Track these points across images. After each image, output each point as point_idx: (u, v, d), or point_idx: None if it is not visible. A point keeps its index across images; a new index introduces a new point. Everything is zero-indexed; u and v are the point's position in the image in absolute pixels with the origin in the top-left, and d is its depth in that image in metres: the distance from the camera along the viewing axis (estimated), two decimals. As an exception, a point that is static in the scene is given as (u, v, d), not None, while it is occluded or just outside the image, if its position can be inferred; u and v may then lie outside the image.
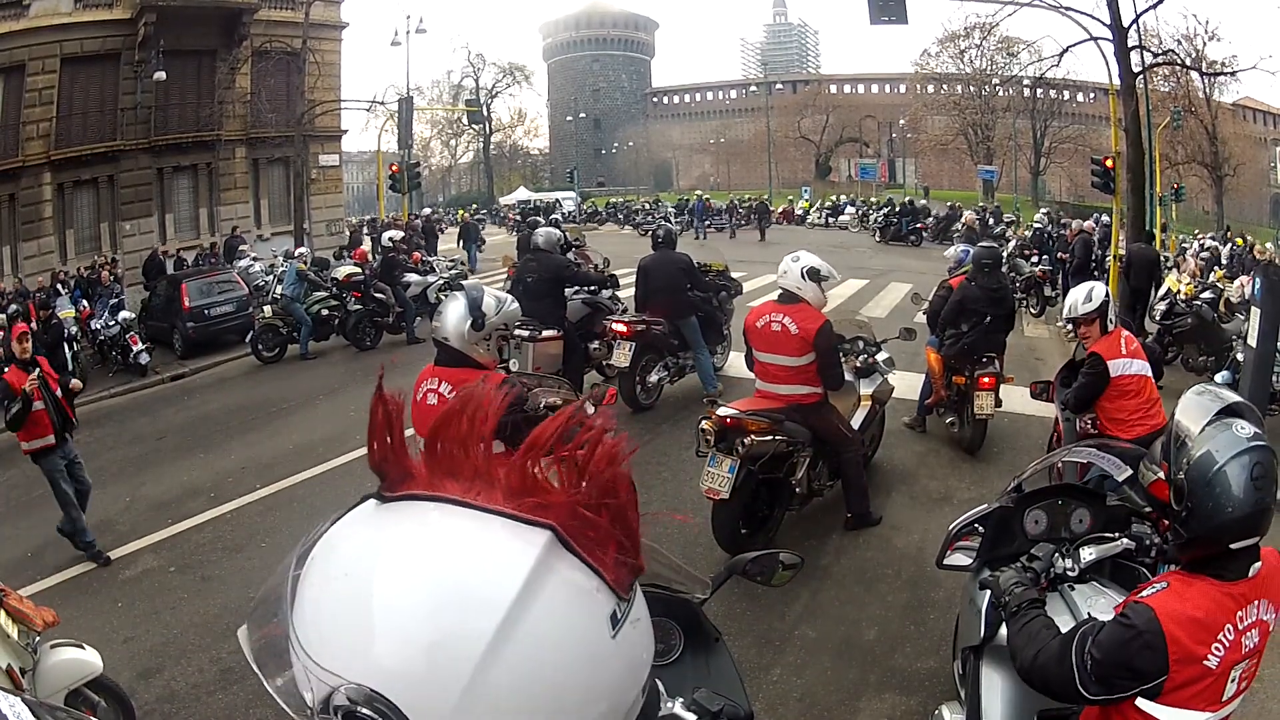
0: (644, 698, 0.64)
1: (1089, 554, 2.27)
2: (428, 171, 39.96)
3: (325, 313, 11.11)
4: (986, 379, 5.74)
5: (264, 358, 10.87)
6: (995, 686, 2.18)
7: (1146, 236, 11.82)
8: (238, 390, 9.79)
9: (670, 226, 8.05)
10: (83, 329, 12.35)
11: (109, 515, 5.67)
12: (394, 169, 19.45)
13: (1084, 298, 4.08)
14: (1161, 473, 1.69)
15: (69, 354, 10.28)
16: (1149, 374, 4.03)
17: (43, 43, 16.75)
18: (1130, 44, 12.90)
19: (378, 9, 35.16)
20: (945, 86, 39.39)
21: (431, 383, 3.01)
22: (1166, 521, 2.07)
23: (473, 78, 43.99)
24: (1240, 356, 6.83)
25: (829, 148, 45.86)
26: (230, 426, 7.99)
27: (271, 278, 13.85)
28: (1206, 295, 9.07)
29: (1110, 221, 13.99)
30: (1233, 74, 25.13)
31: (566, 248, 8.33)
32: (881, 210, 25.96)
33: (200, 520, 5.60)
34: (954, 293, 6.13)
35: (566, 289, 7.17)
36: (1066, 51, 15.04)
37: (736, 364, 6.77)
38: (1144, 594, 1.60)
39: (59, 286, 15.02)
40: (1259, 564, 1.58)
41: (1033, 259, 14.00)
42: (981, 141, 38.18)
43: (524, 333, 6.19)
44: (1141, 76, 14.24)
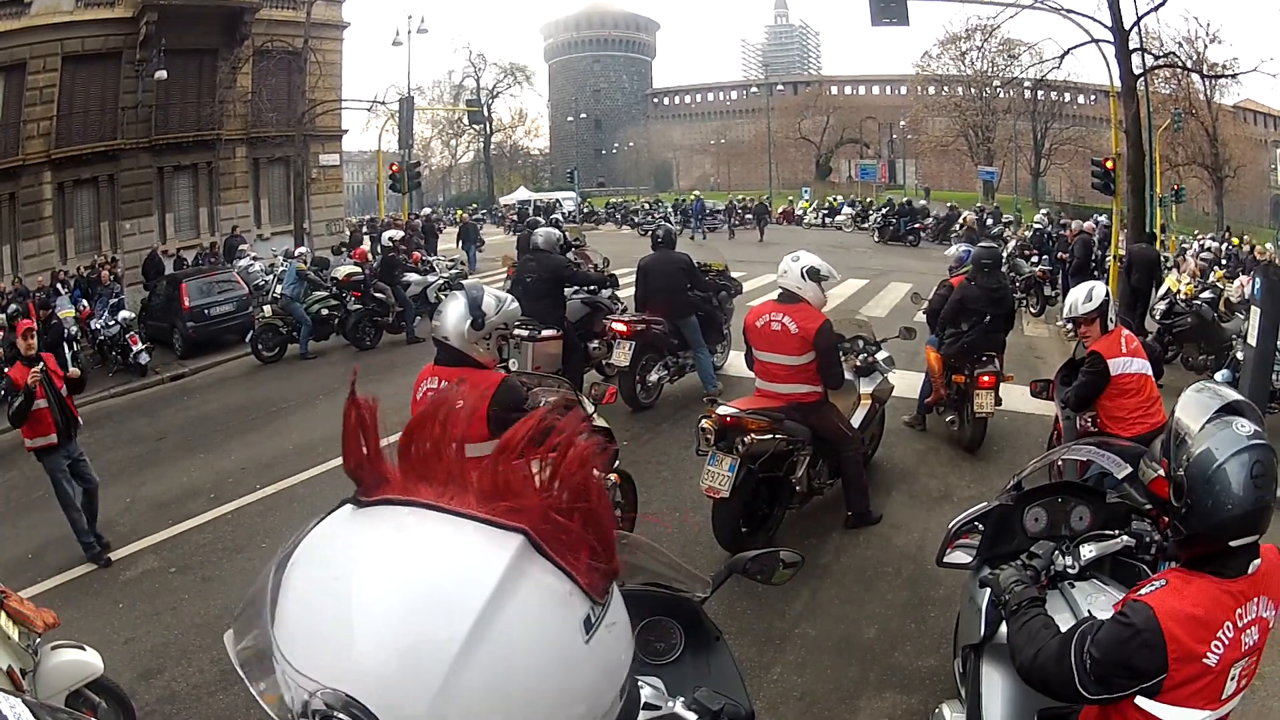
0: (623, 700, 0.63)
1: (1089, 551, 2.27)
2: (428, 171, 39.97)
3: (325, 312, 11.11)
4: (986, 378, 5.75)
5: (264, 357, 10.86)
6: (995, 685, 2.18)
7: (1148, 237, 11.81)
8: (238, 390, 9.79)
9: (670, 226, 8.06)
10: (83, 329, 12.35)
11: (109, 516, 5.66)
12: (394, 169, 19.47)
13: (1084, 297, 4.09)
14: (1161, 470, 1.69)
15: (69, 354, 10.27)
16: (1149, 372, 4.05)
17: (44, 41, 16.75)
18: (1131, 46, 12.90)
19: (379, 9, 35.29)
20: (946, 88, 39.40)
21: (431, 382, 3.02)
22: (1166, 519, 2.07)
23: (474, 78, 44.07)
24: (1240, 355, 6.84)
25: (829, 149, 45.81)
26: (230, 426, 7.99)
27: (271, 277, 13.85)
28: (1206, 295, 9.09)
29: (1110, 222, 14.01)
30: (1233, 76, 25.17)
31: (566, 248, 8.33)
32: (880, 211, 25.98)
33: (200, 521, 5.60)
34: (954, 292, 6.14)
35: (566, 289, 7.18)
36: (1067, 54, 15.05)
37: (736, 363, 6.77)
38: (1142, 592, 1.60)
39: (59, 286, 15.02)
40: (1258, 561, 1.58)
41: (1033, 259, 14.02)
42: (982, 143, 38.17)
43: (523, 332, 6.20)
44: (1142, 78, 14.22)
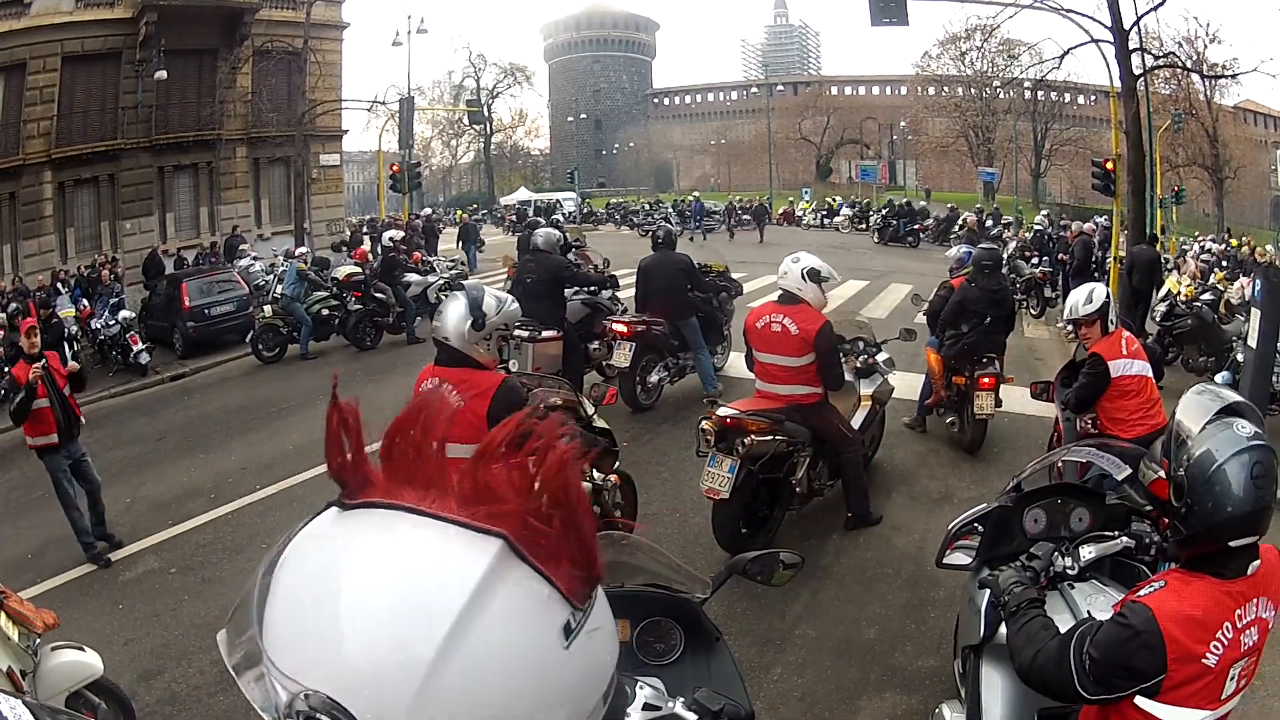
0: (606, 705, 0.63)
1: (1088, 552, 2.27)
2: (428, 172, 40.01)
3: (325, 312, 11.11)
4: (986, 379, 5.75)
5: (264, 357, 10.86)
6: (995, 685, 2.18)
7: (1149, 239, 11.81)
8: (238, 390, 9.79)
9: (670, 227, 8.07)
10: (83, 328, 12.35)
11: (109, 516, 5.63)
12: (394, 169, 19.48)
13: (1085, 299, 4.10)
14: (1162, 471, 1.69)
15: (69, 353, 10.27)
16: (1149, 374, 4.05)
17: (44, 41, 16.76)
18: (1131, 46, 12.90)
19: (379, 9, 35.31)
20: (946, 88, 39.41)
21: (431, 382, 3.02)
22: (1166, 520, 2.08)
23: (474, 78, 44.08)
24: (1240, 357, 6.84)
25: (830, 149, 45.82)
26: (230, 426, 7.98)
27: (272, 277, 13.85)
28: (1207, 296, 9.08)
29: (1110, 223, 14.01)
30: (1233, 77, 25.18)
31: (566, 248, 8.34)
32: (880, 212, 25.99)
33: (200, 521, 5.60)
34: (954, 293, 6.15)
35: (566, 289, 7.18)
36: (1067, 54, 15.03)
37: (736, 364, 6.77)
38: (1142, 593, 1.60)
39: (59, 285, 15.02)
40: (1258, 562, 1.58)
41: (1033, 260, 14.03)
42: (982, 143, 38.19)
43: (523, 333, 6.20)
44: (1142, 79, 14.22)
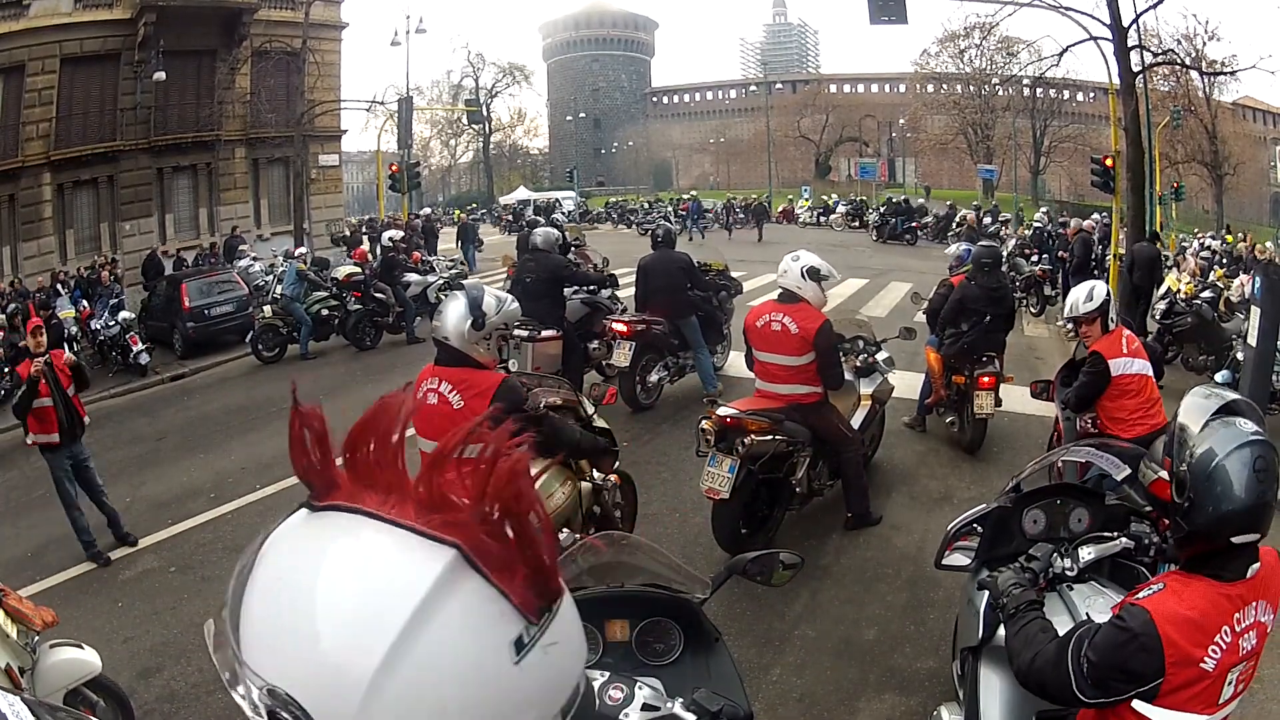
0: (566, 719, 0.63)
1: (1088, 553, 2.27)
2: (427, 171, 39.92)
3: (325, 313, 11.10)
4: (986, 378, 5.74)
5: (264, 358, 10.86)
6: (994, 687, 2.18)
7: (1150, 236, 11.81)
8: (238, 390, 9.79)
9: (669, 226, 8.05)
10: (83, 329, 12.36)
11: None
12: (394, 169, 19.44)
13: (1085, 297, 4.08)
14: (1163, 470, 1.69)
15: (69, 354, 10.27)
16: (1150, 373, 4.04)
17: (43, 43, 16.75)
18: (1130, 44, 12.88)
19: (378, 9, 35.16)
20: (945, 86, 39.36)
21: (432, 382, 3.01)
22: (1166, 520, 2.07)
23: (472, 77, 44.06)
24: (1240, 355, 6.83)
25: (829, 147, 45.80)
26: (230, 426, 7.98)
27: (271, 278, 13.85)
28: (1206, 294, 9.06)
29: (1110, 220, 14.00)
30: (1232, 73, 25.14)
31: (566, 248, 8.33)
32: (878, 210, 25.97)
33: (200, 520, 5.60)
34: (954, 292, 6.13)
35: (565, 289, 7.17)
36: (1066, 51, 15.03)
37: (736, 364, 6.77)
38: (1140, 595, 1.60)
39: (59, 287, 15.04)
40: (1257, 565, 1.58)
41: (1033, 258, 14.01)
42: (981, 141, 38.15)
43: (523, 333, 6.19)
44: (1141, 76, 14.24)
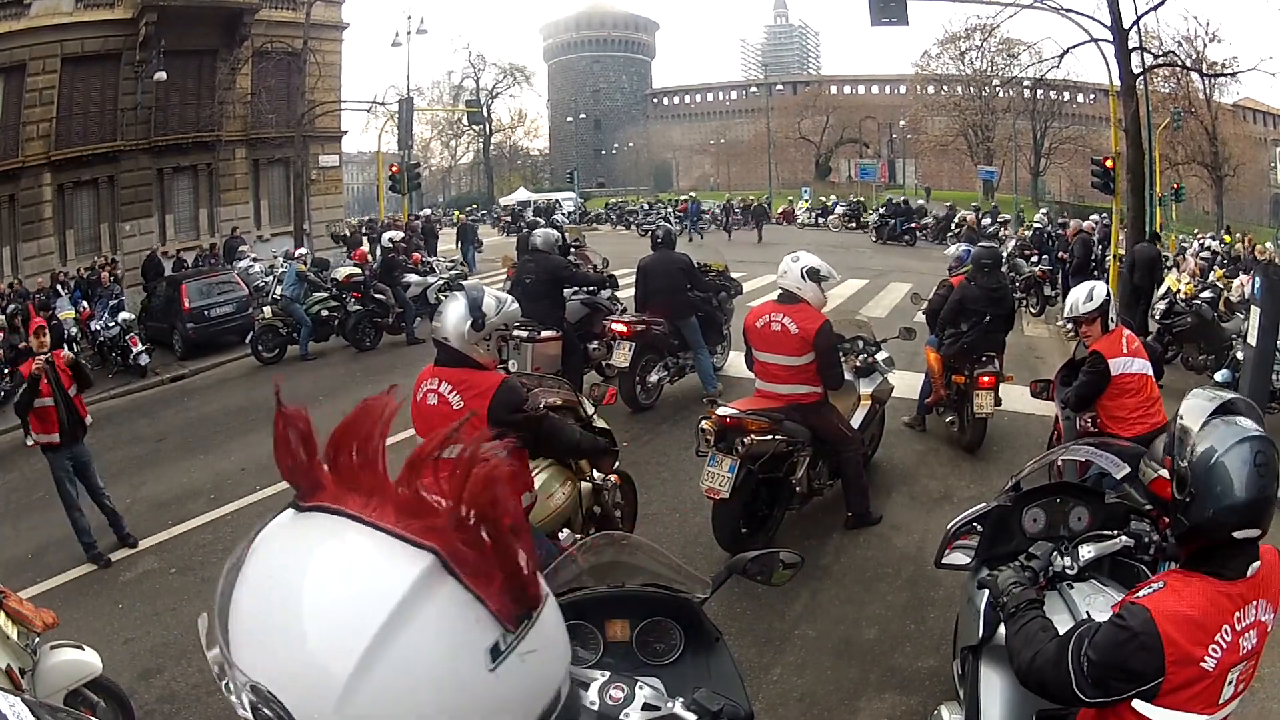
0: None
1: (1087, 552, 2.27)
2: (428, 172, 39.95)
3: (325, 313, 11.11)
4: (986, 378, 5.75)
5: (264, 358, 10.86)
6: (994, 686, 2.18)
7: (1150, 237, 11.81)
8: (238, 391, 9.78)
9: (669, 226, 8.07)
10: (82, 330, 12.35)
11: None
12: (394, 170, 19.45)
13: (1085, 297, 4.09)
14: (1163, 469, 1.69)
15: (67, 353, 10.27)
16: (1149, 372, 4.05)
17: (43, 42, 16.75)
18: (1130, 45, 12.89)
19: (378, 9, 35.30)
20: (945, 87, 39.39)
21: (431, 383, 3.00)
22: (1167, 519, 2.07)
23: (473, 78, 44.08)
24: (1240, 355, 6.83)
25: (829, 148, 45.81)
26: (230, 427, 7.98)
27: (271, 278, 13.85)
28: (1206, 294, 9.07)
29: (1110, 221, 14.00)
30: (1233, 75, 25.15)
31: (566, 249, 8.33)
32: (878, 210, 25.99)
33: (200, 521, 5.60)
34: (954, 292, 6.14)
35: (565, 289, 7.18)
36: (1067, 53, 14.98)
37: (736, 364, 6.77)
38: (1140, 594, 1.59)
39: (59, 287, 15.03)
40: (1257, 563, 1.58)
41: (1032, 259, 14.02)
42: (981, 142, 38.18)
43: (523, 333, 6.19)
44: (1142, 77, 14.22)
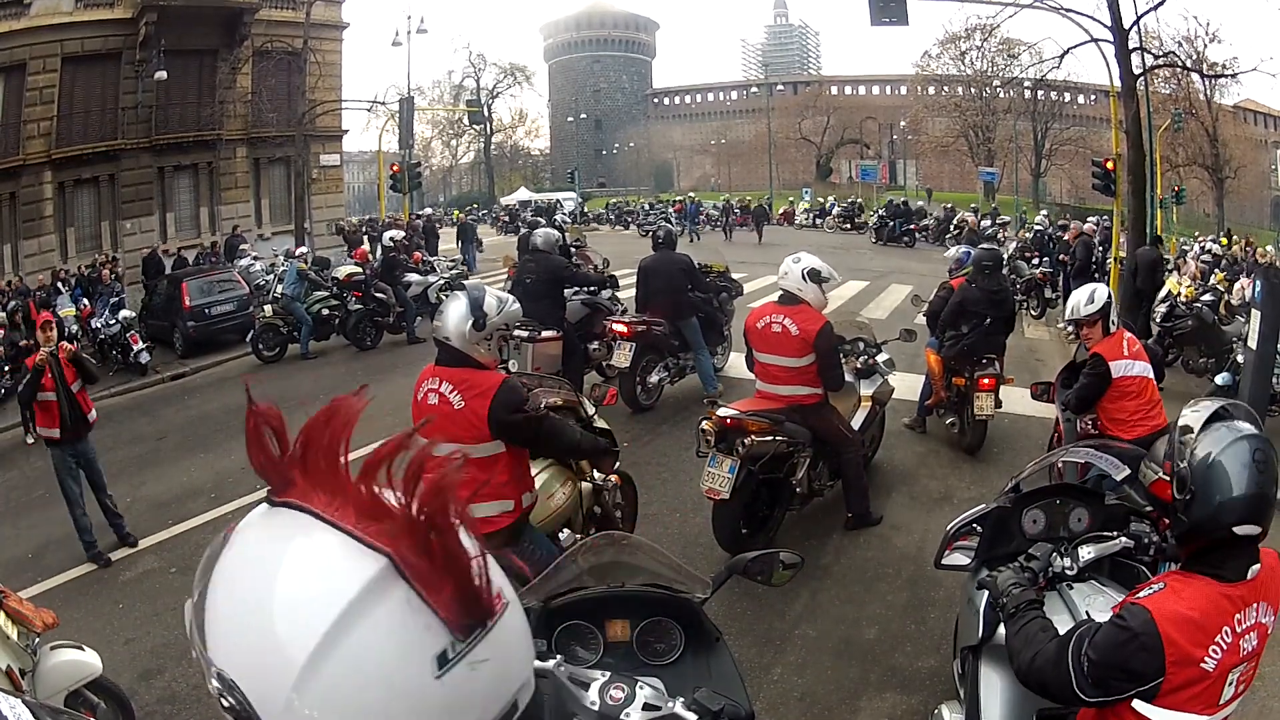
0: None
1: (1087, 553, 2.27)
2: (428, 172, 40.00)
3: (326, 312, 11.12)
4: (986, 380, 5.75)
5: (264, 357, 10.86)
6: (994, 686, 2.18)
7: (1152, 240, 11.81)
8: (238, 390, 9.65)
9: (670, 227, 8.06)
10: (83, 328, 12.35)
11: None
12: (395, 169, 19.47)
13: (1086, 299, 4.10)
14: (1163, 471, 1.70)
15: (68, 345, 10.28)
16: (1150, 375, 4.06)
17: (43, 42, 16.74)
18: (1131, 46, 12.89)
19: (379, 9, 35.33)
20: (946, 88, 39.41)
21: (432, 382, 3.00)
22: (1167, 520, 2.08)
23: (474, 78, 44.08)
24: (1240, 359, 6.82)
25: (830, 149, 45.81)
26: (231, 426, 7.96)
27: (272, 277, 13.84)
28: (1207, 298, 9.06)
29: (1110, 223, 14.00)
30: (1233, 76, 25.19)
31: (567, 249, 8.33)
32: (878, 212, 26.02)
33: (201, 521, 5.61)
34: (954, 294, 6.14)
35: (566, 290, 7.18)
36: (1067, 53, 14.98)
37: (736, 365, 6.77)
38: (1140, 595, 1.60)
39: (59, 285, 15.01)
40: (1258, 566, 1.58)
41: (1033, 261, 14.02)
42: (982, 143, 38.19)
43: (523, 333, 6.20)
44: (1142, 78, 14.21)
